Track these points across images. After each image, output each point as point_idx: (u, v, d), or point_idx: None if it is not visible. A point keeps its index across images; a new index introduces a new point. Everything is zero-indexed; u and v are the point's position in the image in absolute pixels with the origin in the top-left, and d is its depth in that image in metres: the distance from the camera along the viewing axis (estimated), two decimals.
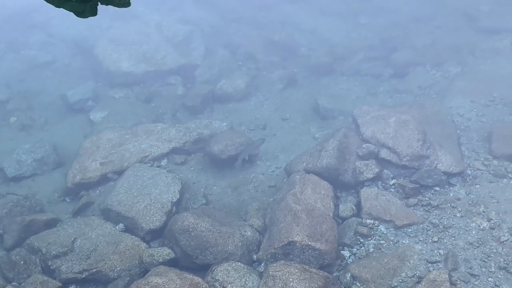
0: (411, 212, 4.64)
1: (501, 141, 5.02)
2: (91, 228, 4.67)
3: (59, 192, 5.19)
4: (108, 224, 4.73)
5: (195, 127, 5.61)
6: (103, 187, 5.16)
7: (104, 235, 4.63)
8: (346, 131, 5.01)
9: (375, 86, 6.11)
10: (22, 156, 5.34)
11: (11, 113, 5.95)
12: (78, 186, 5.14)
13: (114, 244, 4.54)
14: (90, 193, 5.15)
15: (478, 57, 6.48)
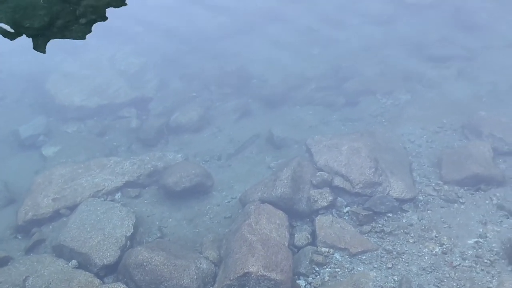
0: (365, 239, 4.65)
1: (450, 166, 5.22)
2: (44, 266, 4.54)
3: (11, 230, 5.07)
4: (60, 261, 4.64)
5: (149, 160, 5.52)
6: (56, 223, 5.08)
7: (56, 272, 4.51)
8: (300, 160, 5.10)
9: (328, 115, 6.27)
10: None
11: None
12: (30, 222, 5.05)
13: (67, 281, 4.45)
14: (43, 230, 5.05)
15: (426, 85, 6.64)
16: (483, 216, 4.88)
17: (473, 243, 4.70)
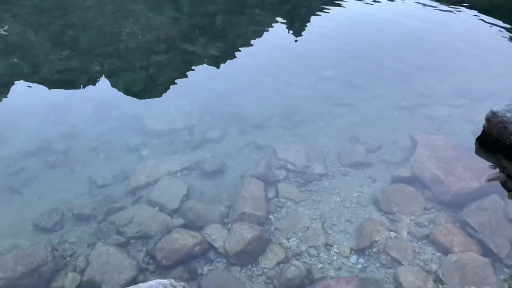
0: (303, 194, 4.89)
1: (345, 156, 5.41)
2: (142, 210, 4.63)
3: (126, 192, 4.96)
4: (150, 208, 4.67)
5: (195, 156, 5.56)
6: (160, 188, 4.95)
7: (148, 213, 4.59)
8: (271, 156, 5.49)
9: (283, 133, 6.07)
10: None
11: None
12: (135, 188, 5.02)
13: (153, 218, 4.53)
14: (142, 192, 4.97)
15: (333, 118, 6.35)
16: (361, 182, 5.09)
17: (356, 195, 4.95)
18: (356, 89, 7.17)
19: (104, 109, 6.88)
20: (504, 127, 5.29)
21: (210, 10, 10.94)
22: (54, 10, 10.93)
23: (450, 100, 6.64)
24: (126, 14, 10.79)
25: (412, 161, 5.20)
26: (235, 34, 9.58)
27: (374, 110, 6.53)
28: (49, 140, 6.10)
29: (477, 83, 7.09)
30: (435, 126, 6.06)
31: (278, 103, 6.84)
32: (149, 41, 9.14)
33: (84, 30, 9.82)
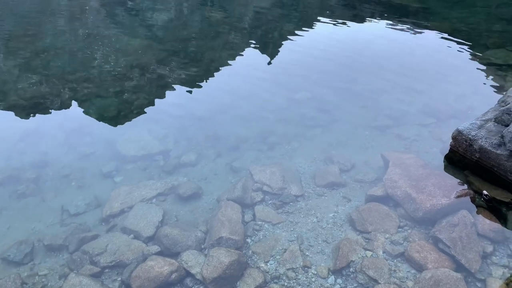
0: (279, 216, 4.92)
1: (319, 178, 5.51)
2: (116, 238, 4.57)
3: (99, 220, 4.88)
4: (124, 236, 4.61)
5: (170, 181, 5.60)
6: (122, 216, 4.95)
7: (122, 241, 4.53)
8: (246, 178, 5.53)
9: (259, 155, 6.14)
10: None
11: None
12: (109, 216, 4.96)
13: (128, 245, 4.48)
14: (115, 219, 4.91)
15: (307, 139, 6.46)
16: (336, 202, 5.16)
17: (332, 215, 5.01)
18: (328, 110, 7.36)
19: (76, 136, 6.77)
20: (469, 145, 5.53)
21: (184, 35, 11.07)
22: (25, 36, 10.79)
23: (419, 120, 6.90)
24: (99, 39, 10.77)
25: (384, 180, 5.33)
26: (209, 58, 9.71)
27: (346, 131, 6.70)
28: (18, 169, 5.93)
29: (443, 103, 7.41)
30: (406, 145, 6.26)
31: (253, 125, 6.92)
32: (123, 66, 9.13)
33: (56, 55, 9.73)
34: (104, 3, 13.93)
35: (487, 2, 12.33)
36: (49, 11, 13.01)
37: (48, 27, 11.70)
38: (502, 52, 8.93)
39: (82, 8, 13.37)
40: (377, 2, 12.94)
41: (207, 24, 11.98)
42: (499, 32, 10.17)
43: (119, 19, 12.45)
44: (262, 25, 11.98)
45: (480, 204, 4.81)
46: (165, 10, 13.25)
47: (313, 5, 13.94)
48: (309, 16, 12.70)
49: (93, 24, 11.96)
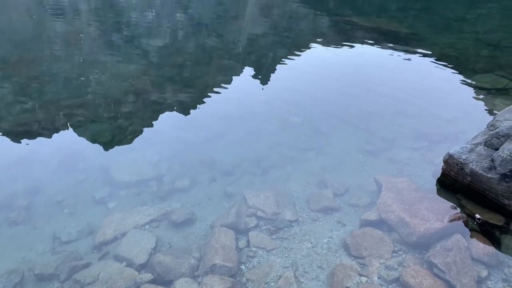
0: (274, 242, 4.89)
1: (313, 201, 5.51)
2: (108, 266, 4.51)
3: (91, 247, 4.85)
4: (117, 263, 4.56)
5: (163, 207, 5.51)
6: (115, 243, 4.90)
7: (115, 269, 4.46)
8: (240, 203, 5.50)
9: (252, 180, 6.15)
10: None
11: None
12: (101, 243, 4.91)
13: (120, 273, 4.42)
14: (108, 247, 4.86)
15: (301, 161, 6.49)
16: (331, 227, 5.13)
17: (326, 241, 4.95)
18: (322, 134, 7.43)
19: (70, 162, 6.76)
20: (461, 169, 5.59)
21: (179, 61, 11.23)
22: (20, 62, 10.88)
23: (411, 143, 6.97)
24: (94, 64, 10.89)
25: (378, 204, 5.35)
26: (204, 83, 9.82)
27: (339, 155, 6.75)
28: (10, 196, 5.88)
29: (434, 126, 7.52)
30: (398, 169, 6.31)
31: (247, 149, 6.96)
32: (118, 92, 9.21)
33: (51, 81, 9.80)
34: (100, 30, 14.14)
35: (474, 28, 12.69)
36: (45, 38, 13.17)
37: (43, 53, 11.82)
38: (490, 77, 9.14)
39: (78, 35, 13.56)
40: (367, 28, 13.26)
41: (201, 50, 12.18)
42: (487, 57, 10.44)
43: (115, 45, 12.62)
44: (256, 51, 12.20)
45: (474, 227, 4.83)
46: (160, 37, 13.46)
47: (305, 31, 14.25)
48: (301, 41, 12.96)
49: (88, 50, 12.11)
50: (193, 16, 15.86)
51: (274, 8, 17.13)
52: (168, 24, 14.99)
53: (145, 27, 14.59)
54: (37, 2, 17.60)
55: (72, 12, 16.40)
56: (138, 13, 15.99)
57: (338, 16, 15.02)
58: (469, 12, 14.55)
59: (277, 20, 15.53)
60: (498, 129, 5.41)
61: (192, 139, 7.37)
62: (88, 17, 15.78)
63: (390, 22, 13.64)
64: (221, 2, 17.60)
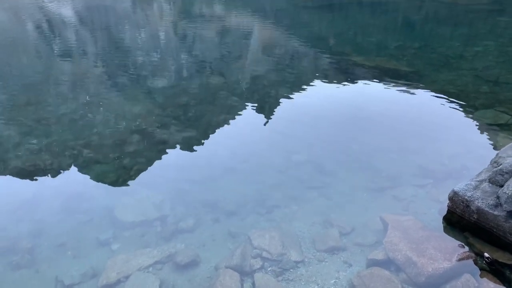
0: (280, 284, 4.81)
1: (319, 241, 5.48)
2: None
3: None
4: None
5: (167, 248, 5.50)
6: (118, 285, 4.87)
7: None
8: (246, 244, 5.45)
9: (258, 219, 6.12)
10: None
11: None
12: (105, 285, 4.86)
13: None
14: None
15: (305, 201, 6.48)
16: (337, 267, 5.09)
17: (333, 282, 4.92)
18: (325, 172, 7.47)
19: (74, 202, 6.80)
20: (467, 206, 5.59)
21: (183, 100, 11.48)
22: (28, 105, 11.17)
23: (415, 181, 6.99)
24: (100, 105, 11.15)
25: (384, 243, 5.31)
26: (208, 122, 10.00)
27: (344, 193, 6.76)
28: (14, 239, 5.89)
29: (438, 163, 7.57)
30: (403, 207, 6.31)
31: (251, 188, 6.98)
32: (123, 132, 9.38)
33: (57, 122, 10.01)
34: (106, 70, 14.57)
35: (472, 65, 12.99)
36: (53, 79, 13.56)
37: (51, 94, 12.14)
38: (491, 113, 9.28)
39: (84, 75, 13.96)
40: (367, 67, 13.58)
41: (205, 89, 12.46)
42: (487, 93, 10.62)
43: (120, 85, 12.97)
44: (259, 89, 12.47)
45: (483, 267, 4.77)
46: (165, 77, 13.83)
47: (307, 68, 14.60)
48: (303, 79, 13.25)
49: (94, 90, 12.44)
50: (197, 55, 16.35)
51: (276, 47, 17.65)
52: (173, 64, 15.42)
53: (150, 67, 15.01)
54: (46, 44, 18.25)
55: (79, 53, 16.96)
56: (143, 53, 16.51)
57: (338, 55, 15.44)
58: (466, 50, 14.95)
59: (279, 58, 15.97)
60: (502, 166, 5.45)
61: (196, 178, 7.43)
62: (95, 57, 16.30)
63: (389, 61, 14.01)
64: (225, 42, 18.17)
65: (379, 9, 23.88)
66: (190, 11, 26.65)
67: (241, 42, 18.14)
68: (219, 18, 23.06)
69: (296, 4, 26.29)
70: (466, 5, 22.45)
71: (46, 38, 19.34)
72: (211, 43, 18.19)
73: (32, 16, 24.09)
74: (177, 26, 22.07)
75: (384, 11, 23.47)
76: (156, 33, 20.62)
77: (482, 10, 21.15)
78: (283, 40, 18.57)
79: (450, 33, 17.85)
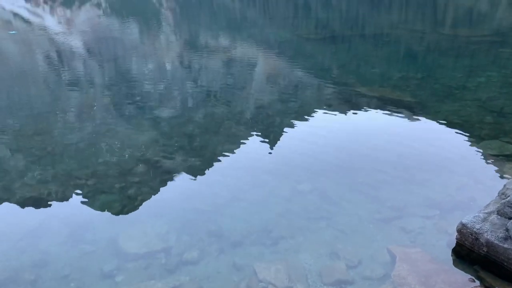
0: None
1: (327, 274, 5.36)
2: None
3: None
4: None
5: (171, 280, 5.47)
6: None
7: None
8: (251, 277, 5.37)
9: (263, 251, 6.07)
10: None
11: None
12: None
13: None
14: None
15: (312, 231, 6.56)
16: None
17: None
18: (331, 202, 7.44)
19: (78, 232, 6.79)
20: (476, 239, 5.53)
21: (189, 130, 11.61)
22: (35, 134, 11.33)
23: (422, 212, 6.95)
24: (107, 134, 11.28)
25: (392, 276, 5.23)
26: (212, 151, 10.08)
27: (350, 224, 6.72)
28: (16, 270, 5.85)
29: (444, 193, 7.53)
30: (411, 239, 6.24)
31: (256, 218, 6.95)
32: (128, 161, 9.46)
33: (64, 152, 10.11)
34: (112, 100, 14.82)
35: (476, 96, 13.11)
36: (60, 109, 13.79)
37: (58, 124, 12.31)
38: (496, 143, 9.30)
39: (91, 104, 14.19)
40: (371, 97, 13.72)
41: (210, 118, 12.61)
42: (491, 123, 10.68)
43: (127, 114, 13.15)
44: (263, 118, 12.59)
45: None
46: (171, 106, 14.01)
47: (311, 98, 14.78)
48: (307, 109, 13.39)
49: (101, 119, 12.62)
50: (202, 85, 16.62)
51: (280, 77, 17.95)
52: (179, 93, 15.66)
53: (156, 97, 15.24)
54: (55, 74, 18.66)
55: (87, 83, 17.30)
56: (150, 83, 16.81)
57: (342, 85, 15.64)
58: (469, 80, 15.10)
59: (283, 88, 16.20)
60: (510, 197, 5.43)
61: (200, 208, 7.42)
62: (102, 87, 16.60)
63: (393, 91, 14.16)
64: (229, 72, 18.49)
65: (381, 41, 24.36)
66: (196, 42, 27.30)
67: (246, 72, 18.45)
68: (224, 49, 23.58)
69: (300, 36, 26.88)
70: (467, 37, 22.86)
71: (55, 69, 19.79)
72: (216, 73, 18.52)
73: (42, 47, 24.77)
74: (183, 57, 22.56)
75: (386, 42, 23.93)
76: (163, 63, 21.06)
77: (484, 41, 21.52)
78: (287, 70, 18.88)
79: (452, 64, 18.12)
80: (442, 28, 27.36)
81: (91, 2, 49.25)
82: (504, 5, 34.83)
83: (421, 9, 37.77)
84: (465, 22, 30.16)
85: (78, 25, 36.16)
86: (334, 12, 40.13)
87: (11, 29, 32.58)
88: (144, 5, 50.75)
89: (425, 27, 28.22)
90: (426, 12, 36.62)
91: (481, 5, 36.89)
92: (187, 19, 42.59)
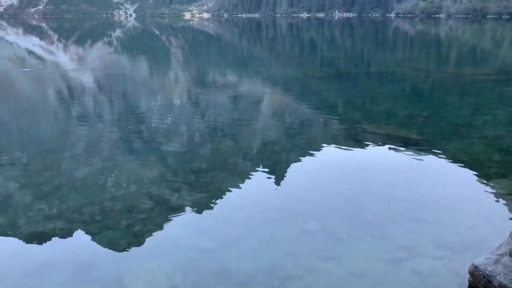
0: None
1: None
2: None
3: None
4: None
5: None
6: None
7: None
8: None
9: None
10: None
11: None
12: None
13: None
14: None
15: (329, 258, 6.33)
16: None
17: None
18: (340, 242, 7.36)
19: (84, 270, 6.73)
20: (488, 281, 5.42)
21: (195, 166, 11.71)
22: (44, 170, 11.48)
23: (432, 252, 6.83)
24: (113, 170, 11.39)
25: None
26: (218, 187, 10.10)
27: (360, 265, 6.61)
28: None
29: (455, 234, 7.43)
30: (422, 280, 6.11)
31: (263, 258, 6.88)
32: (135, 197, 9.49)
33: (71, 187, 10.19)
34: (121, 135, 15.05)
35: (483, 134, 13.18)
36: (69, 144, 14.01)
37: (66, 158, 12.48)
38: (506, 182, 9.25)
39: (99, 140, 14.41)
40: (378, 134, 13.84)
41: (217, 154, 12.73)
42: (500, 162, 10.65)
43: (134, 150, 13.32)
44: (269, 154, 12.68)
45: None
46: (178, 142, 14.20)
47: (317, 134, 14.92)
48: (314, 144, 13.49)
49: (108, 155, 12.77)
50: (209, 121, 16.88)
51: (287, 113, 18.20)
52: (186, 129, 15.89)
53: (164, 132, 15.48)
54: (65, 110, 19.08)
55: (96, 118, 17.65)
56: (158, 119, 17.10)
57: (348, 122, 15.81)
58: (475, 118, 15.23)
59: (290, 124, 16.40)
60: None
61: (206, 246, 7.35)
62: (110, 123, 16.92)
63: (399, 128, 14.28)
64: (236, 108, 18.81)
65: (386, 79, 24.81)
66: (204, 78, 27.96)
67: (253, 108, 18.75)
68: (232, 85, 24.11)
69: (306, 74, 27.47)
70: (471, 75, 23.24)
71: (65, 104, 20.28)
72: (223, 108, 18.84)
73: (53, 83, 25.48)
74: (191, 93, 23.06)
75: (391, 80, 24.36)
76: (171, 99, 21.51)
77: (488, 80, 21.84)
78: (294, 107, 19.18)
79: (457, 102, 18.33)
80: (446, 67, 27.85)
81: (103, 40, 50.98)
82: (507, 44, 35.54)
83: (425, 48, 38.60)
84: (469, 61, 30.70)
85: (89, 62, 37.31)
86: (339, 50, 41.10)
87: (25, 66, 33.71)
88: (154, 43, 52.38)
89: (429, 66, 28.75)
90: (430, 51, 37.38)
91: (484, 44, 37.66)
92: (195, 56, 43.78)
